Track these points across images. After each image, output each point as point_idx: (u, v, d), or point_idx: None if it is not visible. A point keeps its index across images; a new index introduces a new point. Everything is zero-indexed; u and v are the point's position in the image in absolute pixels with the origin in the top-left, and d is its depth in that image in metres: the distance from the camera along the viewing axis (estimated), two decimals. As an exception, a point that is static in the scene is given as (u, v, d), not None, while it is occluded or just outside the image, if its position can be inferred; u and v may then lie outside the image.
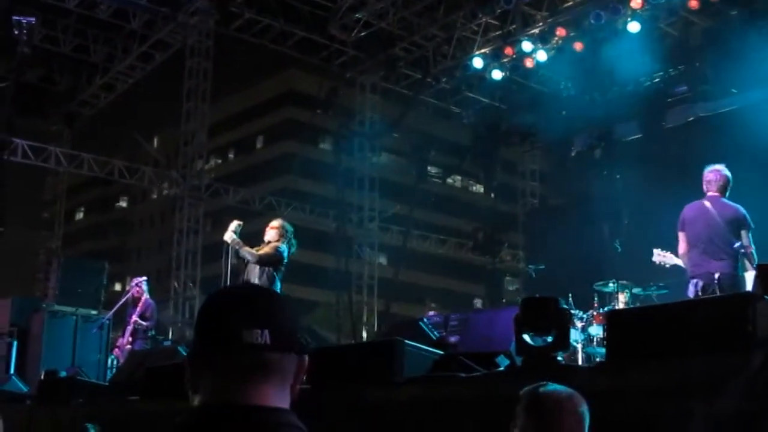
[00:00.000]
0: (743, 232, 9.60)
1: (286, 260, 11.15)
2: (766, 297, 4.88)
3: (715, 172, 9.96)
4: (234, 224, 11.20)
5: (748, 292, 8.11)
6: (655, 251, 10.40)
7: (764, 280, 6.19)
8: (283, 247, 11.08)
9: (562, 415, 3.57)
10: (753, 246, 9.57)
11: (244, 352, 1.88)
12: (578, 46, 20.03)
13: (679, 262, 10.17)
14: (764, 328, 4.67)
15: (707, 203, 9.85)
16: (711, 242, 9.70)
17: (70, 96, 27.77)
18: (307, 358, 2.01)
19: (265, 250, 11.03)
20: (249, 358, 1.89)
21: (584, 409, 3.61)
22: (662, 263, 10.37)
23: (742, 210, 9.73)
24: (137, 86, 27.98)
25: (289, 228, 11.42)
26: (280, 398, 1.92)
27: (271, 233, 11.23)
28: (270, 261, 10.98)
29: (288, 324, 1.97)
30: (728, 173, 9.98)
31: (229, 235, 11.04)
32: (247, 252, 10.92)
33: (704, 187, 9.99)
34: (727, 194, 9.94)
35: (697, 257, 9.80)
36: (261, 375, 1.90)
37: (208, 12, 23.87)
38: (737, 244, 9.50)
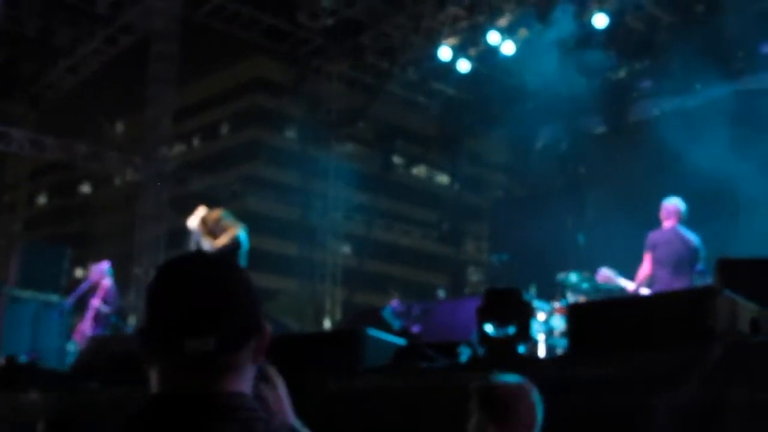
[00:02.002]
0: (700, 259, 10.92)
1: (245, 246, 11.01)
2: (725, 291, 4.93)
3: (675, 205, 11.20)
4: (201, 211, 11.11)
5: (709, 286, 8.22)
6: (602, 271, 11.25)
7: (723, 275, 6.25)
8: (241, 234, 10.94)
9: (514, 404, 3.60)
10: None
11: (188, 358, 1.78)
12: (545, 38, 20.11)
13: (626, 284, 11.13)
14: (723, 321, 4.72)
15: (675, 231, 11.06)
16: (679, 264, 10.88)
17: (34, 79, 27.50)
18: (268, 330, 1.91)
19: (223, 241, 10.86)
20: (193, 362, 1.79)
21: (535, 395, 3.65)
22: (606, 284, 11.25)
23: (699, 241, 11.04)
24: (102, 70, 27.75)
25: (226, 213, 11.21)
26: (234, 382, 1.84)
27: (220, 225, 11.03)
28: (229, 251, 10.84)
29: (238, 321, 1.84)
30: (683, 205, 11.22)
31: (194, 222, 10.96)
32: (208, 243, 10.82)
33: (664, 215, 11.17)
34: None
35: (666, 277, 10.86)
36: (209, 374, 1.81)
37: (175, -4, 23.73)
38: (699, 267, 10.82)
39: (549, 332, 11.37)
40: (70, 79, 27.79)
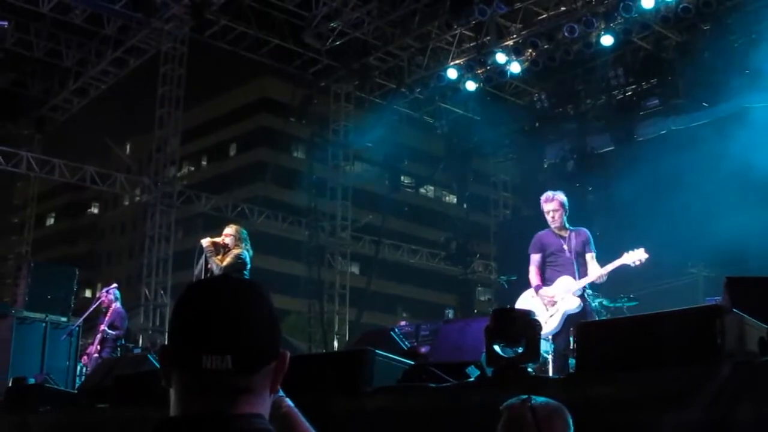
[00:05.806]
0: None
1: (249, 266, 11.18)
2: (734, 310, 4.91)
3: None
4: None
5: (717, 304, 8.19)
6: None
7: (732, 292, 6.22)
8: (245, 254, 11.12)
9: (555, 423, 3.60)
10: None
11: (205, 375, 1.78)
12: (552, 58, 20.16)
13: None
14: (732, 340, 4.70)
15: None
16: None
17: (42, 100, 27.60)
18: (288, 354, 1.91)
19: (228, 260, 11.04)
20: (211, 381, 1.79)
21: (569, 417, 3.66)
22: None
23: None
24: (110, 92, 27.86)
25: (244, 232, 11.46)
26: (251, 403, 1.83)
27: (227, 240, 11.24)
28: (234, 270, 10.95)
29: (257, 342, 1.84)
30: None
31: (206, 239, 11.16)
32: (214, 262, 10.97)
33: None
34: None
35: None
36: (225, 394, 1.81)
37: (183, 18, 23.80)
38: None
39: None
40: (78, 101, 27.90)
